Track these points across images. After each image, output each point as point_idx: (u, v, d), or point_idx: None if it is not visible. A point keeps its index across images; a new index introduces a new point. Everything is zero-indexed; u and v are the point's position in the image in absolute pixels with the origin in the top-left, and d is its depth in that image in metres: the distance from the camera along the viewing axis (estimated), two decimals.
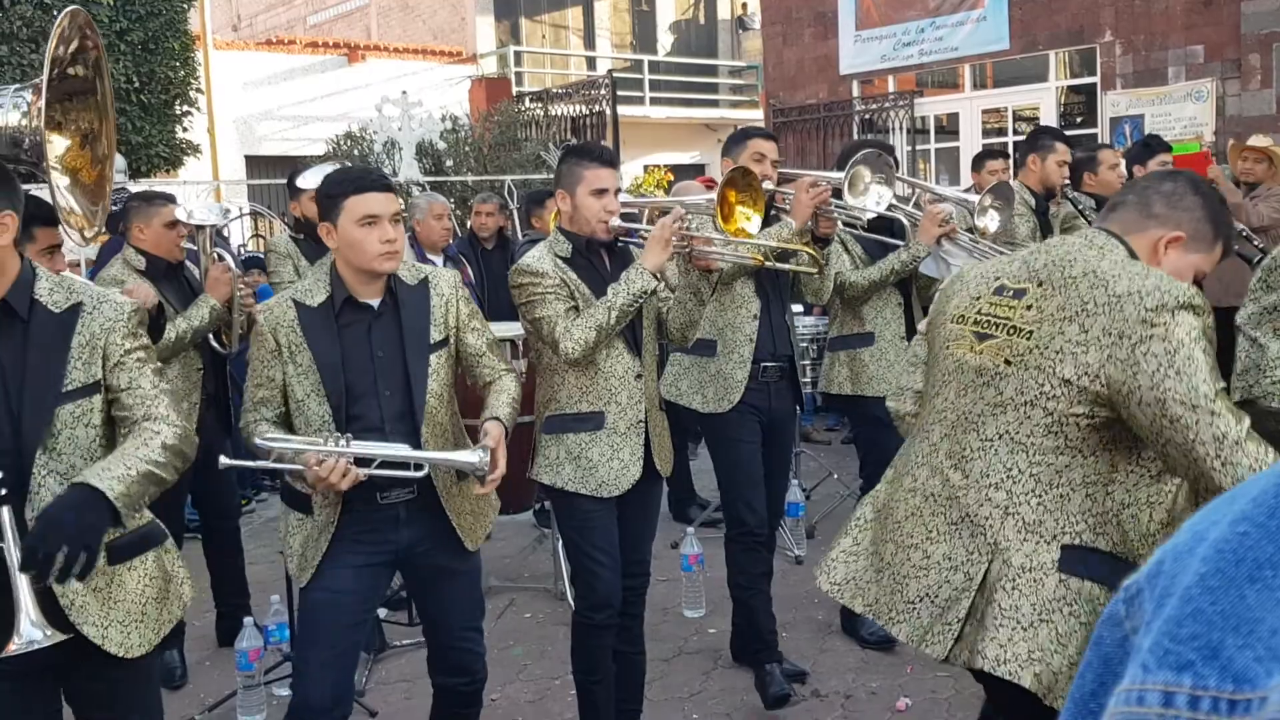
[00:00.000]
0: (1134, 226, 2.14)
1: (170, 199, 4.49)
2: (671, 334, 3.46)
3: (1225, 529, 0.60)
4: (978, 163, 6.17)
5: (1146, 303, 1.98)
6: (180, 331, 4.12)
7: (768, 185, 3.83)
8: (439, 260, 5.97)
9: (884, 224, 4.29)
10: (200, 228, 4.34)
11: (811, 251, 3.66)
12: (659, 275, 3.20)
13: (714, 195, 3.39)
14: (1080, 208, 5.45)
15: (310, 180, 4.62)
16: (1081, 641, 2.00)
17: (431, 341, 2.86)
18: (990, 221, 4.40)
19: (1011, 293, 2.20)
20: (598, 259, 3.32)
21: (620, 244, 3.39)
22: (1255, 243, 5.46)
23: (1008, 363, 2.14)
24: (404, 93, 10.48)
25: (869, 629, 4.34)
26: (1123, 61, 10.99)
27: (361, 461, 2.67)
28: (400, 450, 2.72)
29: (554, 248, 3.29)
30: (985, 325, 2.22)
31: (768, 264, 3.58)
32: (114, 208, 4.58)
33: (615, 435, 3.26)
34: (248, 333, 3.91)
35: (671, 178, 17.29)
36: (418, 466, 2.73)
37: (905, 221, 4.33)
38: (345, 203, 2.74)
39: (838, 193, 3.94)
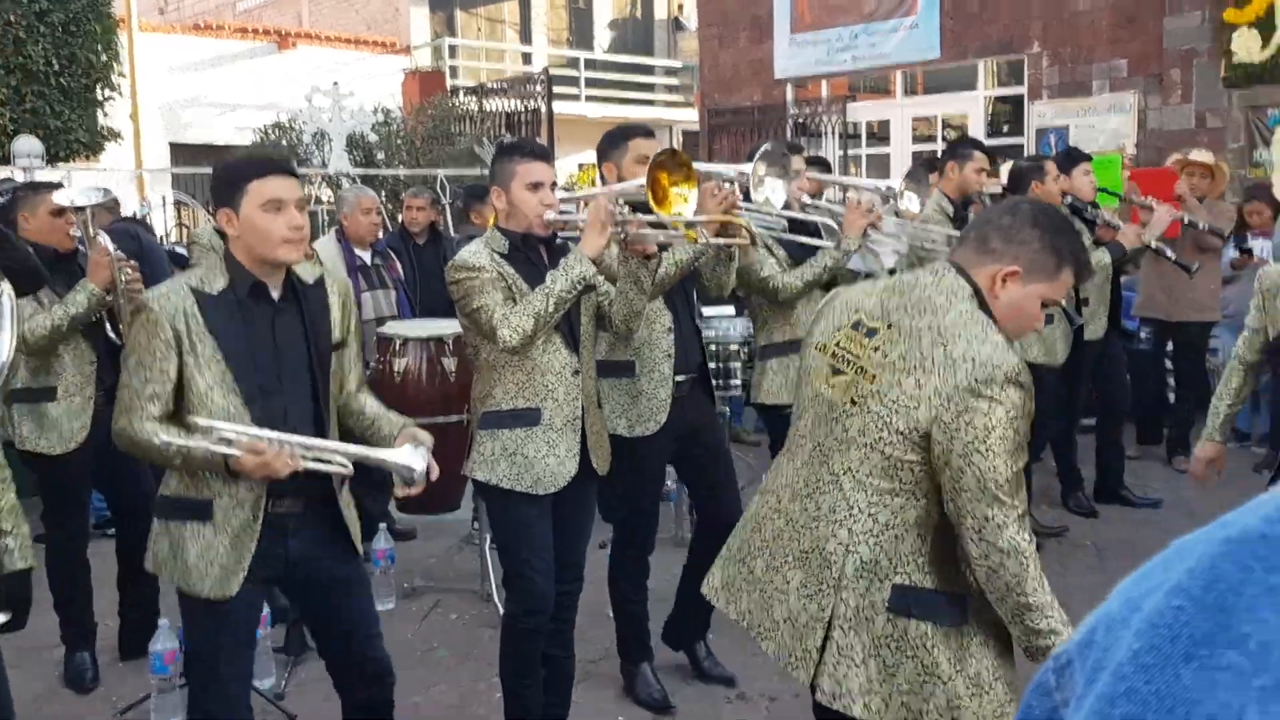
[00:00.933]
0: (973, 262, 2.20)
1: (56, 186, 4.34)
2: (615, 326, 3.43)
3: (1160, 600, 0.58)
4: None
5: (977, 374, 2.06)
6: (57, 319, 3.88)
7: None
8: (367, 256, 5.88)
9: (801, 226, 4.25)
10: (79, 210, 4.12)
11: (744, 225, 3.53)
12: (598, 261, 3.17)
13: (644, 180, 3.25)
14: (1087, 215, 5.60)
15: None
16: (911, 673, 2.12)
17: (333, 340, 2.81)
18: (911, 204, 4.45)
19: (865, 330, 2.26)
20: (536, 255, 3.29)
21: (559, 240, 3.36)
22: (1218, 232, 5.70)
23: (853, 402, 2.22)
24: (335, 83, 10.31)
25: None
26: (1049, 73, 11.22)
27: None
28: (350, 447, 2.67)
29: (491, 244, 3.26)
30: (839, 360, 2.29)
31: (704, 240, 3.44)
32: (1, 199, 4.43)
33: (551, 431, 3.23)
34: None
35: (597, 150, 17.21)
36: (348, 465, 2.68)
37: (828, 220, 4.32)
38: (248, 187, 2.63)
39: (745, 193, 3.82)
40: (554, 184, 3.31)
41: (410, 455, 2.67)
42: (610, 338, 3.70)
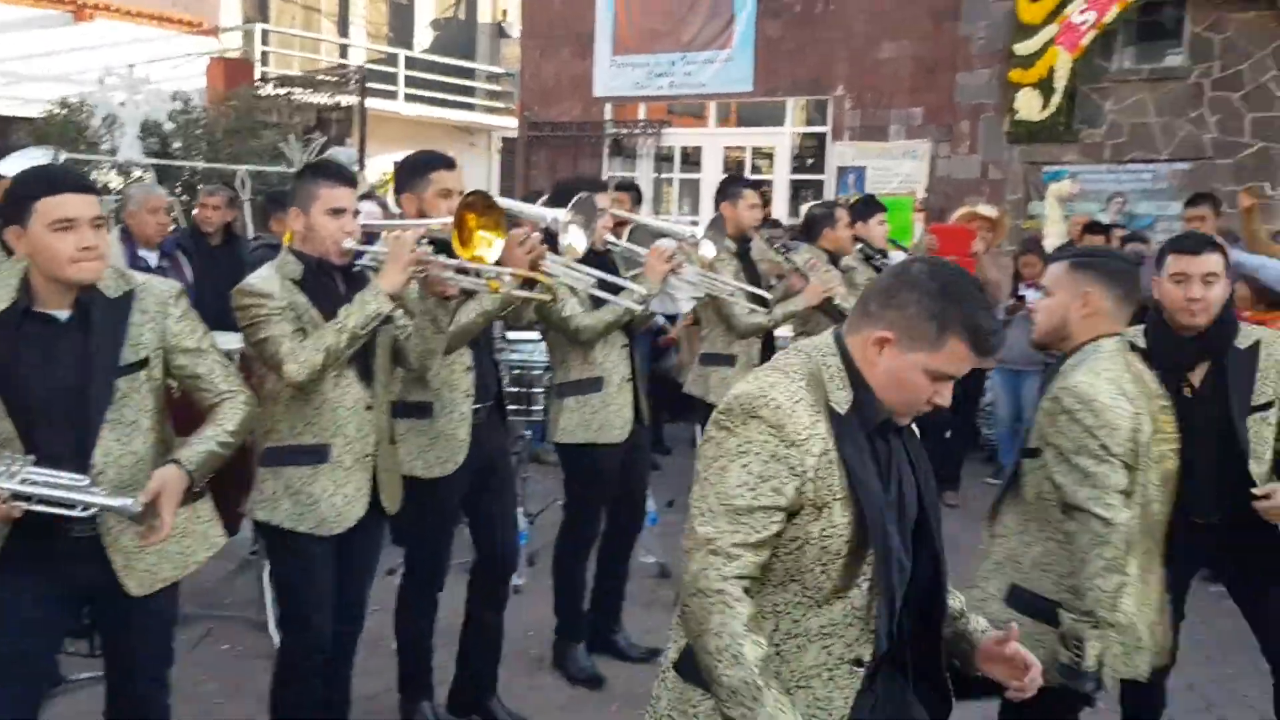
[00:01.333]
0: (852, 325, 2.02)
1: None
2: (411, 364, 3.35)
3: None
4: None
5: (720, 405, 1.95)
6: None
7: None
8: (153, 257, 5.59)
9: (597, 263, 4.28)
10: None
11: (547, 283, 3.59)
12: (396, 298, 3.08)
13: (450, 219, 3.21)
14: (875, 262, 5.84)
15: (12, 166, 4.19)
16: None
17: (123, 363, 2.61)
18: (708, 250, 4.58)
19: None
20: (331, 283, 3.16)
21: (357, 268, 3.23)
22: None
23: None
24: (131, 67, 9.75)
25: (578, 666, 4.42)
26: (851, 115, 11.76)
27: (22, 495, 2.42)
28: (64, 492, 2.45)
29: (283, 269, 3.11)
30: None
31: (504, 291, 3.44)
32: None
33: (340, 470, 3.12)
34: None
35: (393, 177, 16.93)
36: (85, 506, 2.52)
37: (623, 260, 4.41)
38: (37, 205, 2.47)
39: (551, 237, 3.82)
40: (357, 211, 3.19)
41: (123, 499, 2.47)
42: (407, 378, 3.61)
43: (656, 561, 5.75)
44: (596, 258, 4.13)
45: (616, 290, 4.18)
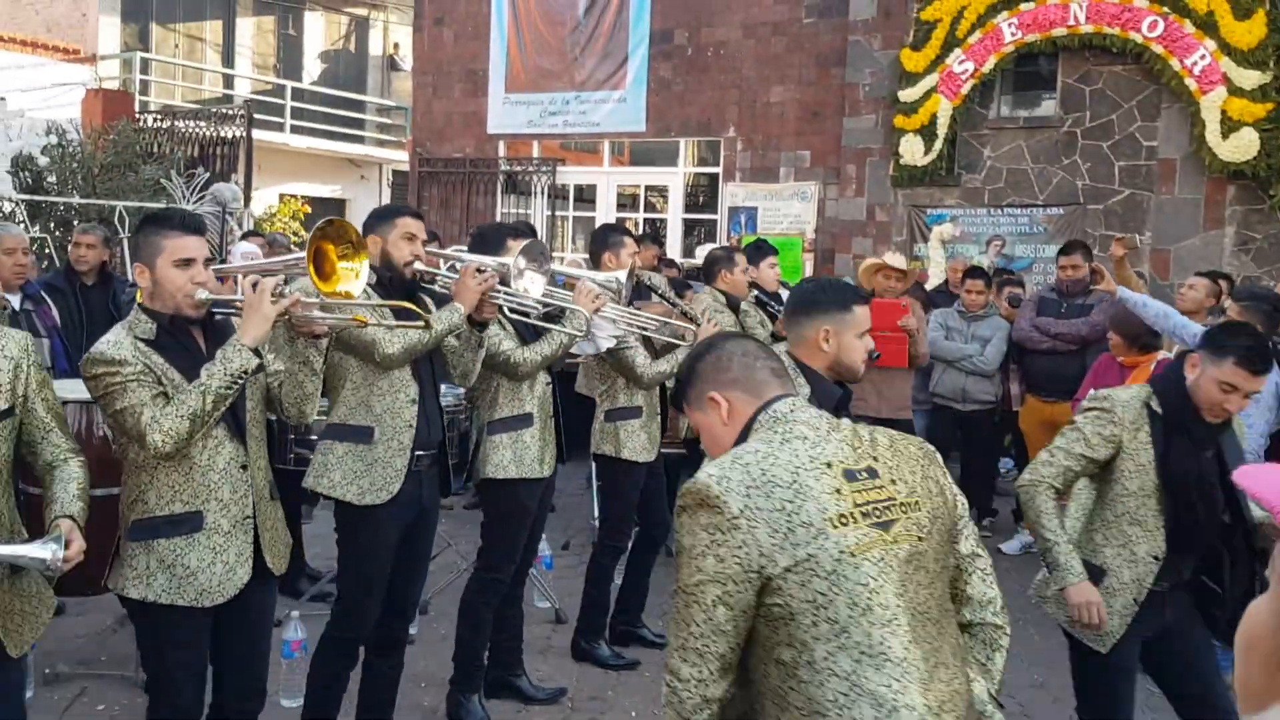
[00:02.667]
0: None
1: None
2: (286, 411, 3.20)
3: None
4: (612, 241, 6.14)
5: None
6: None
7: (419, 266, 3.76)
8: (15, 300, 5.33)
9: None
10: None
11: (420, 311, 3.46)
12: (261, 351, 2.92)
13: (304, 254, 3.06)
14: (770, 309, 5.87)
15: None
16: None
17: None
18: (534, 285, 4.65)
19: (865, 473, 2.02)
20: (188, 338, 2.97)
21: (218, 316, 3.06)
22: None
23: (919, 538, 2.00)
24: (2, 99, 9.37)
25: (474, 717, 4.33)
26: (742, 156, 11.97)
27: None
28: None
29: (134, 329, 2.91)
30: (872, 512, 1.97)
31: (373, 323, 3.41)
32: None
33: (218, 536, 2.95)
34: None
35: (308, 210, 16.68)
36: None
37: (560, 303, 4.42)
38: None
39: (503, 280, 3.92)
40: (207, 260, 2.99)
41: (39, 548, 2.41)
42: (350, 400, 3.62)
43: (552, 606, 5.70)
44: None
45: (538, 331, 4.27)
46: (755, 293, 6.08)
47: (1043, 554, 3.38)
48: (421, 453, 3.73)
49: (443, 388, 5.99)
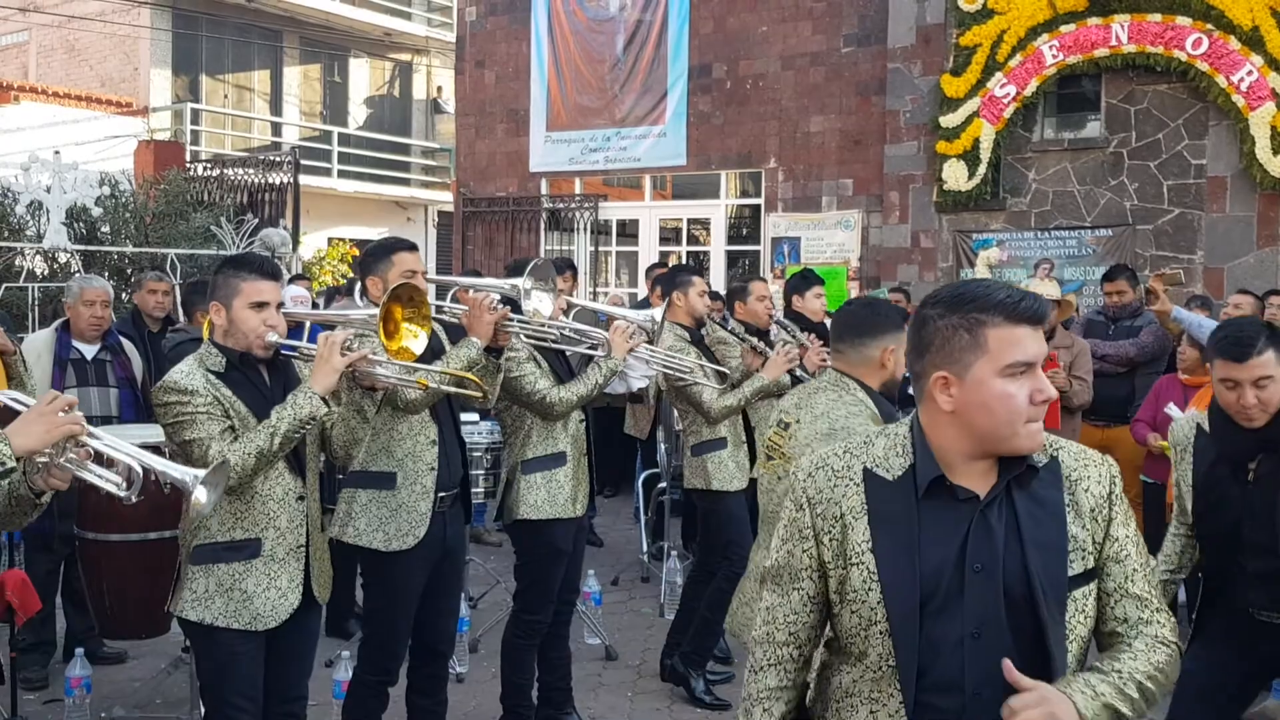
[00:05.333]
0: (919, 400, 1.99)
1: None
2: (335, 453, 3.32)
3: None
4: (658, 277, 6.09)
5: None
6: None
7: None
8: (91, 349, 5.38)
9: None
10: None
11: (479, 382, 3.59)
12: (328, 400, 3.06)
13: (376, 312, 3.27)
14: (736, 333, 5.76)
15: None
16: None
17: None
18: (543, 305, 4.60)
19: None
20: (256, 375, 3.13)
21: (282, 357, 3.22)
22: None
23: None
24: (57, 153, 9.62)
25: None
26: (784, 187, 11.96)
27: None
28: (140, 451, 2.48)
29: (206, 361, 3.07)
30: None
31: (432, 387, 3.43)
32: None
33: (273, 562, 3.09)
34: None
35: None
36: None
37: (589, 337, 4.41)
38: None
39: (515, 305, 3.93)
40: (280, 304, 3.16)
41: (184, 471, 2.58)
42: (371, 447, 3.64)
43: (602, 643, 5.66)
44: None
45: (573, 369, 4.28)
46: (778, 319, 5.89)
47: None
48: (444, 493, 3.75)
49: (486, 425, 6.06)
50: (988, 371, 1.78)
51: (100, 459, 2.47)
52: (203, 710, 4.33)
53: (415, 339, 3.27)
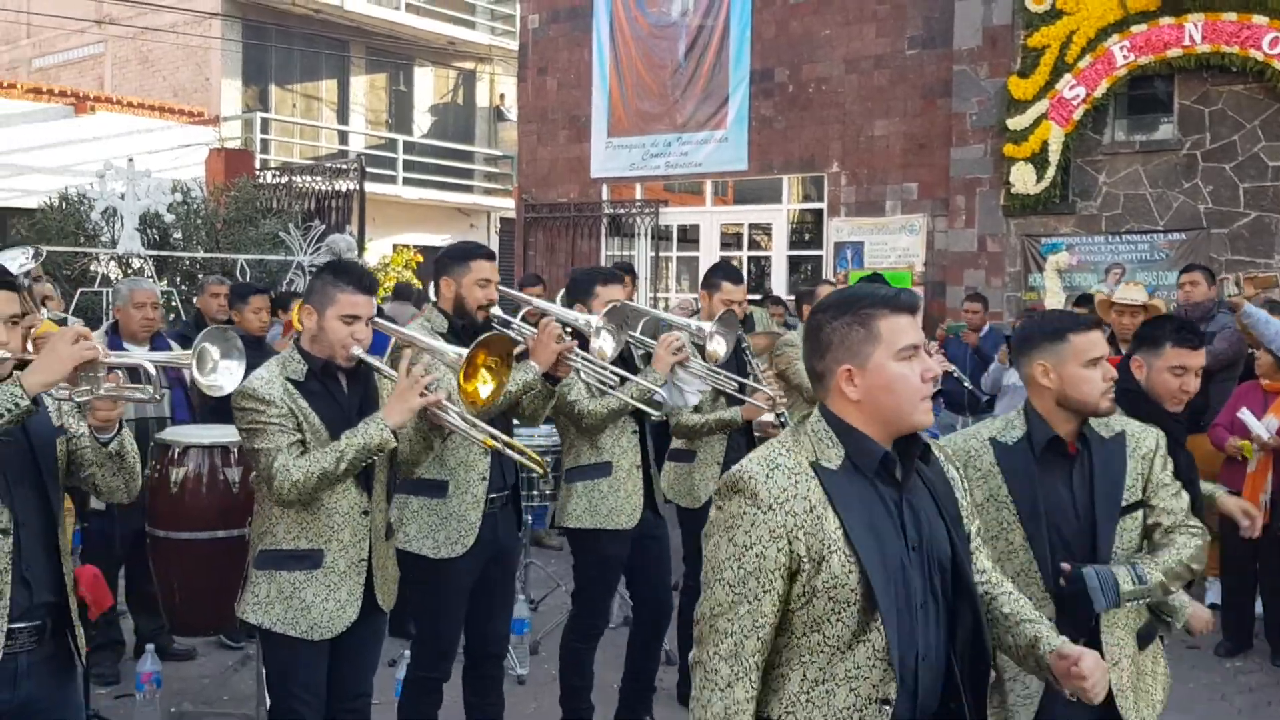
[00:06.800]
0: (821, 394, 2.18)
1: None
2: (400, 467, 3.39)
3: None
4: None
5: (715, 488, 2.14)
6: None
7: (495, 311, 3.79)
8: (141, 351, 5.49)
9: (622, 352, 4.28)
10: None
11: (540, 462, 3.48)
12: (398, 435, 3.09)
13: (465, 353, 3.25)
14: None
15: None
16: None
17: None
18: (719, 347, 4.46)
19: None
20: (335, 384, 3.18)
21: (362, 368, 3.24)
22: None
23: None
24: (130, 160, 9.86)
25: None
26: (847, 191, 11.86)
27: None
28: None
29: (286, 368, 3.12)
30: None
31: (494, 445, 3.35)
32: None
33: (334, 575, 3.12)
34: None
35: (420, 259, 17.10)
36: None
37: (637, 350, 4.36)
38: None
39: (583, 339, 3.91)
40: (370, 319, 3.18)
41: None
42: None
43: (663, 649, 5.62)
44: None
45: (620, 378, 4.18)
46: None
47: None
48: (495, 495, 3.75)
49: (546, 428, 6.06)
50: (884, 357, 2.02)
51: (134, 374, 2.61)
52: (269, 705, 4.41)
53: (486, 385, 3.27)
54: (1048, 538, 2.68)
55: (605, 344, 3.92)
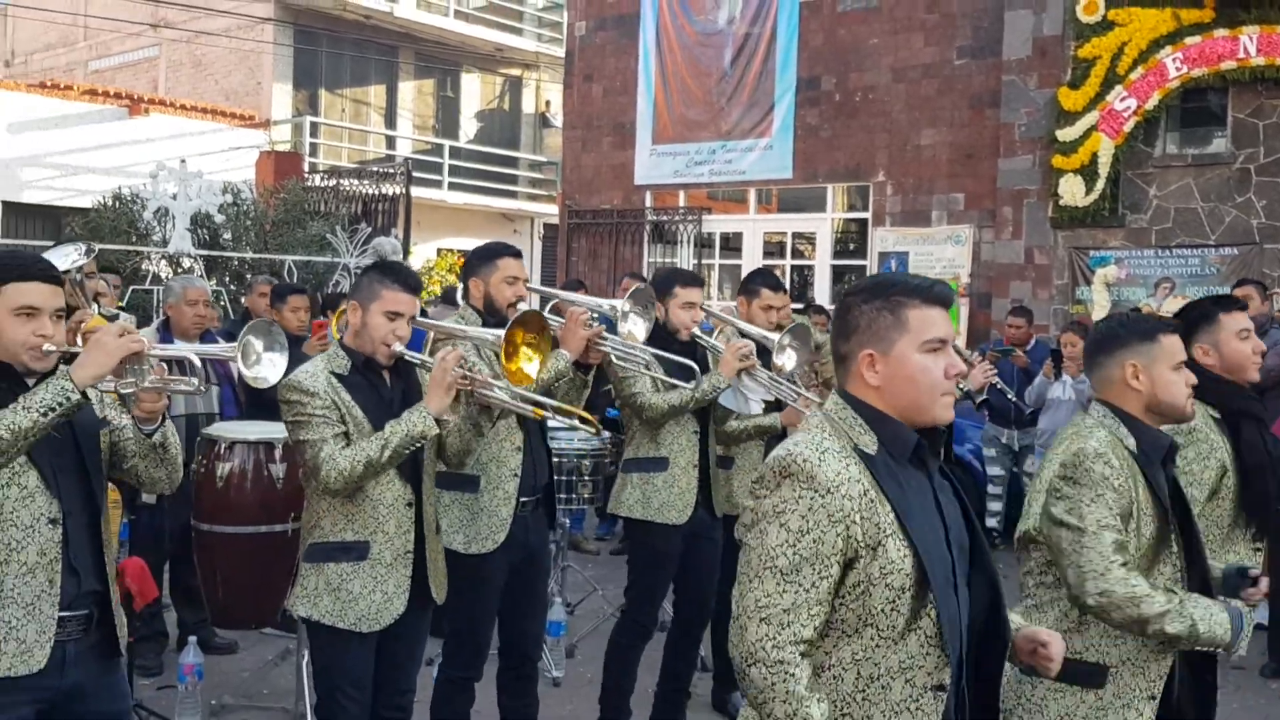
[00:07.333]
0: (842, 380, 2.14)
1: None
2: (449, 460, 3.43)
3: None
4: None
5: (755, 475, 2.02)
6: None
7: (521, 308, 3.81)
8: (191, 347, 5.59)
9: (691, 351, 4.27)
10: None
11: (591, 419, 3.61)
12: (441, 421, 3.13)
13: (502, 333, 3.34)
14: None
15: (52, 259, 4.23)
16: None
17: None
18: (788, 361, 4.43)
19: None
20: (378, 379, 3.23)
21: (404, 364, 3.30)
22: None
23: None
24: (183, 161, 10.03)
25: None
26: (892, 201, 11.80)
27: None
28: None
29: (331, 363, 3.18)
30: None
31: (544, 414, 3.49)
32: None
33: (380, 567, 3.15)
34: None
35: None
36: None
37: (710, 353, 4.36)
38: (3, 289, 2.52)
39: (611, 324, 3.95)
40: (413, 317, 3.25)
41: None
42: None
43: (699, 655, 5.61)
44: (684, 348, 4.19)
45: (690, 375, 4.22)
46: None
47: None
48: (526, 498, 3.77)
49: (551, 424, 6.06)
50: (909, 347, 1.98)
51: (179, 367, 2.65)
52: (308, 700, 4.45)
53: (530, 363, 3.33)
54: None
55: (634, 326, 3.94)
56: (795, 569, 1.88)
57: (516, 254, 3.88)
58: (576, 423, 3.60)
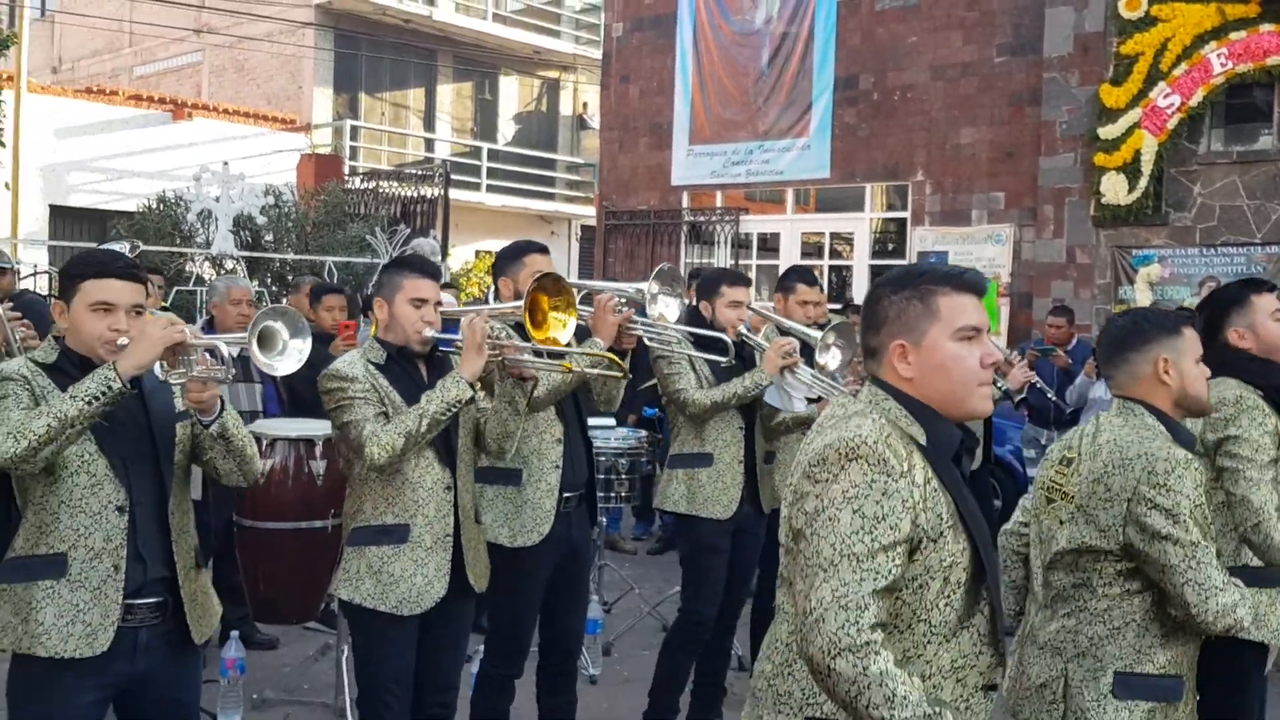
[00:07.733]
0: (874, 370, 2.06)
1: None
2: (489, 446, 3.44)
3: None
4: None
5: (809, 460, 1.90)
6: None
7: None
8: (236, 348, 5.66)
9: (738, 350, 4.25)
10: None
11: (619, 362, 3.59)
12: (475, 385, 3.18)
13: (521, 302, 3.36)
14: None
15: None
16: None
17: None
18: (832, 359, 4.39)
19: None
20: (413, 368, 3.29)
21: (440, 353, 3.36)
22: None
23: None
24: (225, 164, 10.16)
25: None
26: (931, 200, 11.71)
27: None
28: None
29: (368, 354, 3.25)
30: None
31: (576, 370, 3.49)
32: None
33: (420, 549, 3.18)
34: None
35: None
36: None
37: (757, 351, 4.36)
38: (83, 285, 2.63)
39: (640, 308, 3.92)
40: (438, 303, 3.31)
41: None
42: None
43: (734, 653, 5.60)
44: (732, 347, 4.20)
45: (730, 371, 4.24)
46: None
47: None
48: (569, 494, 3.78)
49: (623, 430, 6.08)
50: (941, 336, 1.92)
51: (215, 355, 2.69)
52: (348, 694, 4.49)
53: (563, 328, 3.36)
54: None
55: (665, 309, 3.92)
56: (871, 555, 1.78)
57: (543, 250, 3.91)
58: (609, 371, 3.57)
